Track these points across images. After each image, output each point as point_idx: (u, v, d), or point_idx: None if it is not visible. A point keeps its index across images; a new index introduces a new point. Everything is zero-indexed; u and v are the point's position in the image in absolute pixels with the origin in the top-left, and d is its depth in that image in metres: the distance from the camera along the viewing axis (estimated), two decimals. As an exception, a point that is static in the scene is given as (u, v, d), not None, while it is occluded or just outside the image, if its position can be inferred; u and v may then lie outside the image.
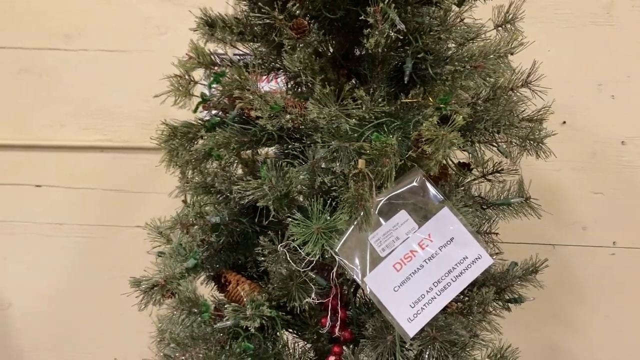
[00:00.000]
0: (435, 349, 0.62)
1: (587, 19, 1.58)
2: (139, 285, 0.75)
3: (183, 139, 0.78)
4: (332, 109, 0.63)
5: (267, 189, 0.63)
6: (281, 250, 0.61)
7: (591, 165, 1.61)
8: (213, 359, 0.60)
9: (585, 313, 1.66)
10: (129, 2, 1.65)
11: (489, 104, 0.70)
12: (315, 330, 0.69)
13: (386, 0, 0.66)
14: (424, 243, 0.60)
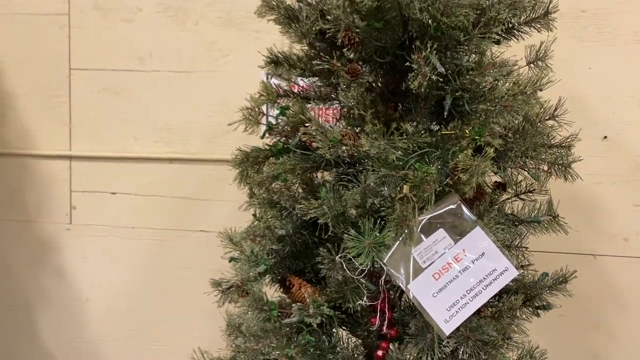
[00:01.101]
0: (469, 347, 0.72)
1: (628, 37, 1.59)
2: (219, 285, 0.88)
3: (252, 162, 0.91)
4: (381, 143, 0.74)
5: (327, 208, 0.75)
6: (338, 261, 0.73)
7: (632, 178, 1.63)
8: (282, 349, 0.72)
9: (627, 322, 1.67)
10: (195, 28, 1.76)
11: (518, 135, 0.80)
12: (366, 328, 0.80)
13: (428, 48, 0.77)
14: (459, 257, 0.71)
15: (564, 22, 1.60)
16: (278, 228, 0.83)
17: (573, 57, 1.63)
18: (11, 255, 1.95)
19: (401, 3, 0.76)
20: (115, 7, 1.79)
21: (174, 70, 1.79)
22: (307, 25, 0.85)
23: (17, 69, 1.86)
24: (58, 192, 1.89)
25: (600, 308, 1.68)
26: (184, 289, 1.86)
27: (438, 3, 0.75)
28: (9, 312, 1.97)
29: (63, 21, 1.82)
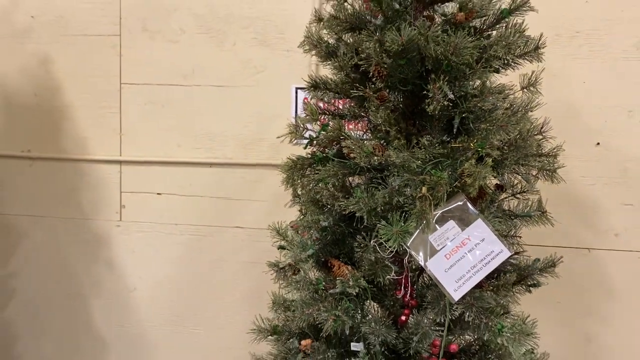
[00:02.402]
0: (473, 312, 0.93)
1: (617, 55, 1.74)
2: (277, 265, 1.10)
3: (299, 168, 1.12)
4: (405, 154, 0.96)
5: (362, 205, 0.97)
6: (372, 244, 0.95)
7: (622, 180, 1.78)
8: (330, 311, 0.93)
9: (617, 309, 1.82)
10: (233, 47, 1.91)
11: (512, 147, 1.00)
12: (392, 299, 1.02)
13: (441, 79, 0.98)
14: (465, 242, 0.92)
15: (560, 42, 1.80)
16: (322, 220, 1.04)
17: (569, 72, 1.77)
18: (68, 249, 2.10)
19: (420, 46, 0.97)
20: (162, 29, 1.95)
21: (213, 85, 1.95)
22: (345, 60, 1.06)
23: (74, 84, 2.01)
24: (109, 192, 2.04)
25: (593, 296, 1.84)
26: (221, 279, 2.01)
27: (449, 46, 0.96)
28: (66, 300, 2.13)
29: (115, 41, 1.97)
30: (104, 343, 2.14)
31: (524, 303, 1.78)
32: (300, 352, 1.02)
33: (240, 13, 1.93)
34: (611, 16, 1.74)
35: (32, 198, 2.10)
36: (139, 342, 2.12)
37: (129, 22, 1.98)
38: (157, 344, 2.10)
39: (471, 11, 0.99)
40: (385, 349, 0.98)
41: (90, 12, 2.00)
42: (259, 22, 1.91)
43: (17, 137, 2.08)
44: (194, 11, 1.94)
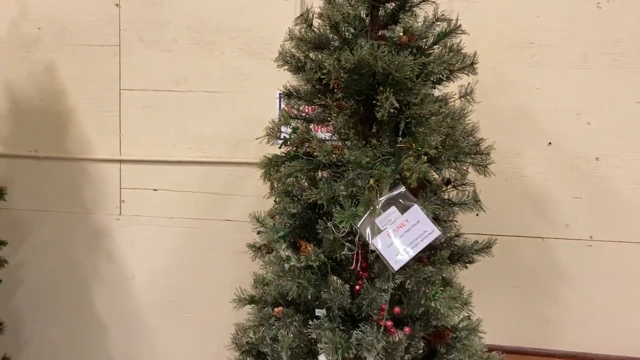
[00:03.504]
0: (412, 281, 1.16)
1: (566, 64, 1.94)
2: (254, 246, 1.32)
3: (274, 165, 1.35)
4: (357, 152, 1.19)
5: (323, 194, 1.20)
6: (330, 226, 1.17)
7: (572, 176, 1.97)
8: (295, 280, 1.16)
9: (569, 292, 2.01)
10: (222, 57, 2.10)
11: (447, 147, 1.23)
12: (349, 271, 1.25)
13: (388, 91, 1.21)
14: (404, 223, 1.15)
15: (516, 52, 2.02)
16: (292, 208, 1.27)
17: (524, 79, 1.97)
18: (72, 241, 2.28)
19: (370, 64, 1.20)
20: (157, 40, 2.15)
21: (204, 91, 2.14)
22: (311, 74, 1.29)
23: (77, 90, 2.20)
24: (110, 189, 2.23)
25: (548, 280, 2.02)
26: (212, 267, 2.19)
27: (392, 63, 1.19)
28: (70, 288, 2.31)
29: (115, 51, 2.17)
30: (105, 327, 2.33)
31: (485, 288, 2.02)
32: (273, 317, 1.24)
33: (229, 25, 2.14)
34: (560, 29, 1.94)
35: (39, 194, 2.29)
36: (137, 326, 2.30)
37: (127, 34, 2.18)
38: (153, 327, 2.29)
39: (412, 34, 1.22)
40: (342, 313, 1.21)
41: (92, 24, 2.20)
42: (246, 33, 2.11)
43: (25, 138, 2.27)
44: (186, 24, 2.14)
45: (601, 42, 1.93)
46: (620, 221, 1.97)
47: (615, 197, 1.97)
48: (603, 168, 1.96)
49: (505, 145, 2.02)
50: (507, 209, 2.04)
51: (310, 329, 1.17)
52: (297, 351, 1.18)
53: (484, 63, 2.00)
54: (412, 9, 1.34)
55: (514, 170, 2.03)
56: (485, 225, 2.06)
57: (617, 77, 1.93)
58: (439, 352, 1.25)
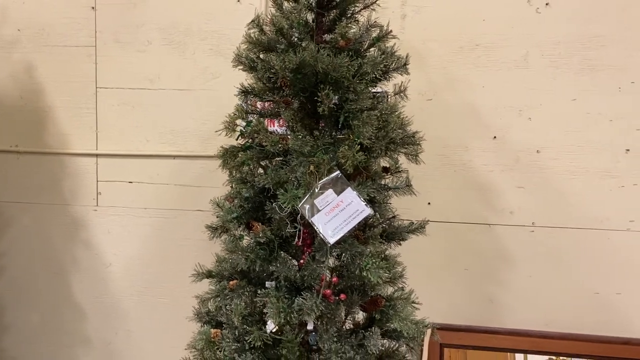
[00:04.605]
0: (348, 254, 1.34)
1: (510, 64, 2.12)
2: (212, 227, 1.50)
3: (230, 155, 1.52)
4: (299, 142, 1.37)
5: (270, 179, 1.38)
6: (275, 206, 1.35)
7: (515, 167, 2.15)
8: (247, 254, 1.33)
9: (513, 274, 2.19)
10: (192, 57, 2.26)
11: (380, 137, 1.41)
12: (293, 247, 1.43)
13: (327, 89, 1.39)
14: (339, 204, 1.33)
15: (463, 53, 2.21)
16: (244, 193, 1.45)
17: (471, 78, 2.16)
18: (51, 231, 2.40)
19: (312, 64, 1.38)
20: (131, 41, 2.30)
21: (176, 89, 2.28)
22: (261, 73, 1.47)
23: (55, 88, 2.34)
24: (87, 182, 2.36)
25: (494, 264, 2.21)
26: (185, 254, 2.33)
27: (330, 65, 1.37)
28: (50, 276, 2.43)
29: (91, 52, 2.32)
30: (83, 313, 2.47)
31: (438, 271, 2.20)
32: (228, 289, 1.42)
33: (199, 27, 2.30)
34: (504, 33, 2.13)
35: (19, 187, 2.41)
36: (114, 311, 2.45)
37: (103, 35, 2.33)
38: (129, 312, 2.44)
39: (349, 39, 1.40)
40: (288, 284, 1.39)
41: (69, 26, 2.34)
42: (215, 35, 2.28)
43: (6, 134, 2.40)
44: (158, 25, 2.30)
45: (540, 44, 2.11)
46: (558, 208, 2.15)
47: (554, 186, 2.15)
48: (543, 160, 2.13)
49: (454, 139, 2.21)
50: (457, 198, 2.22)
51: (258, 297, 1.35)
52: (248, 318, 1.36)
53: (434, 63, 2.22)
54: (353, 16, 1.52)
55: (462, 162, 2.21)
56: (437, 213, 2.25)
57: (555, 76, 2.11)
58: (376, 319, 1.44)
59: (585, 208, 2.14)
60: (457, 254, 2.25)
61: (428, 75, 2.23)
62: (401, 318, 1.36)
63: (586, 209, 2.14)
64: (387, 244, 1.51)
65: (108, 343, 2.47)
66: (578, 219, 2.14)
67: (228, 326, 1.42)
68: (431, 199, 2.23)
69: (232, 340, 1.36)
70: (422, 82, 2.22)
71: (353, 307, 1.40)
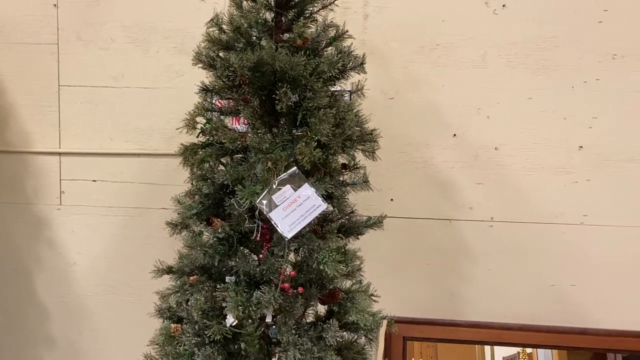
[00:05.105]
0: (305, 249, 1.38)
1: (468, 64, 2.17)
2: (172, 223, 1.51)
3: (190, 152, 1.54)
4: (256, 139, 1.40)
5: (229, 175, 1.40)
6: (233, 202, 1.38)
7: (474, 164, 2.21)
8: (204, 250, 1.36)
9: (474, 268, 2.25)
10: (156, 55, 2.26)
11: (337, 134, 1.45)
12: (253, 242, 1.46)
13: (286, 87, 1.42)
14: (297, 199, 1.36)
15: (424, 53, 2.27)
16: (205, 189, 1.47)
17: (431, 77, 2.21)
18: (14, 230, 2.38)
19: (270, 63, 1.41)
20: (94, 39, 2.29)
21: (140, 87, 2.28)
22: (220, 71, 1.50)
23: (17, 86, 2.32)
24: (50, 180, 2.34)
25: (455, 258, 2.27)
26: (149, 252, 2.23)
27: (287, 63, 1.40)
28: (13, 275, 2.41)
29: (53, 49, 2.30)
30: (48, 312, 2.45)
31: (401, 266, 2.26)
32: (188, 284, 1.44)
33: (163, 26, 2.30)
34: (462, 33, 2.19)
35: None
36: (78, 311, 2.44)
37: (65, 33, 2.32)
38: (94, 311, 2.44)
39: (306, 38, 1.44)
40: (248, 279, 1.42)
41: (30, 24, 2.32)
42: (179, 33, 2.29)
43: None
44: (122, 23, 2.30)
45: (498, 44, 2.18)
46: (516, 203, 2.22)
47: (511, 182, 2.22)
48: (501, 157, 2.20)
49: (416, 137, 2.27)
50: (418, 195, 2.28)
51: (218, 292, 1.37)
52: (208, 313, 1.38)
53: (396, 63, 2.27)
54: (312, 16, 1.55)
55: (424, 159, 2.26)
56: (399, 209, 2.30)
57: (511, 76, 2.18)
58: (335, 312, 1.47)
59: (541, 203, 2.22)
60: (420, 249, 2.30)
61: (390, 74, 2.28)
62: (358, 310, 1.40)
63: (542, 204, 2.21)
64: (345, 238, 1.55)
65: (73, 342, 2.46)
66: (534, 213, 2.22)
67: (188, 321, 1.44)
68: (394, 195, 2.28)
69: (192, 335, 1.38)
70: (384, 81, 2.27)
71: (312, 300, 1.44)
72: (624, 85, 2.16)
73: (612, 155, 2.18)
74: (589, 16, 2.16)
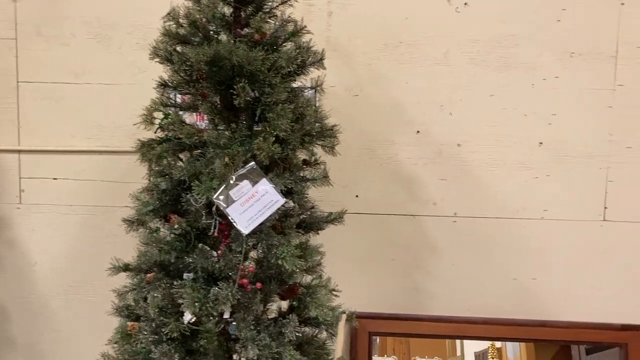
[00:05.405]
0: (263, 244, 1.37)
1: (431, 61, 2.20)
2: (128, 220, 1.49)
3: (148, 148, 1.51)
4: (213, 134, 1.38)
5: (186, 171, 1.38)
6: (189, 198, 1.36)
7: (437, 160, 2.23)
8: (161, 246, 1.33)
9: (437, 263, 2.28)
10: (118, 50, 2.24)
11: (295, 129, 1.44)
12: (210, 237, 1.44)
13: (243, 81, 1.41)
14: (254, 194, 1.35)
15: (388, 50, 2.28)
16: (161, 185, 1.45)
17: (395, 74, 2.23)
18: None
19: (227, 57, 1.39)
20: (55, 34, 2.24)
21: (102, 83, 2.25)
22: (177, 65, 1.47)
23: None
24: (10, 178, 2.29)
25: (419, 253, 2.29)
26: (112, 252, 2.21)
27: (245, 58, 1.39)
28: None
29: (11, 44, 2.24)
30: (8, 313, 2.39)
31: (367, 262, 2.27)
32: (145, 282, 1.42)
33: (125, 21, 2.27)
34: (425, 30, 2.21)
35: None
36: (40, 311, 2.39)
37: (24, 28, 2.26)
38: (55, 311, 2.38)
39: (264, 33, 1.42)
40: (206, 275, 1.40)
41: (-14, 19, 2.27)
42: (142, 29, 2.25)
43: None
44: (84, 19, 2.26)
45: (460, 42, 2.21)
46: (478, 199, 2.26)
47: (474, 178, 2.25)
48: (464, 153, 2.23)
49: (380, 134, 2.28)
50: (383, 191, 2.29)
51: (175, 288, 1.35)
52: (166, 310, 1.36)
53: (360, 60, 2.28)
54: (272, 11, 1.54)
55: (388, 156, 2.27)
56: (364, 205, 2.31)
57: (473, 73, 2.21)
58: (295, 307, 1.46)
59: (503, 198, 2.25)
60: (385, 245, 2.31)
61: (355, 71, 2.29)
62: (317, 305, 1.39)
63: (504, 200, 2.25)
64: (305, 234, 1.54)
65: (34, 344, 2.41)
66: (496, 209, 2.25)
67: (146, 319, 1.41)
68: (359, 191, 2.29)
69: (149, 333, 1.36)
70: (349, 78, 2.27)
71: (271, 296, 1.43)
72: (582, 83, 2.21)
73: (570, 151, 2.23)
74: (548, 15, 2.21)
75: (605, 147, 2.23)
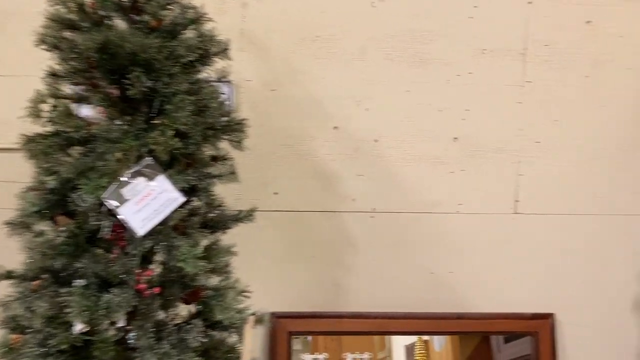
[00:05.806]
0: (161, 245, 1.26)
1: (348, 56, 2.15)
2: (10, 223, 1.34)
3: (34, 143, 1.37)
4: (105, 128, 1.26)
5: (73, 168, 1.25)
6: (76, 196, 1.23)
7: (355, 156, 2.19)
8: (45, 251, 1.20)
9: (357, 258, 2.23)
10: (14, 40, 2.05)
11: (198, 123, 1.35)
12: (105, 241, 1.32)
13: (138, 72, 1.29)
14: (151, 192, 1.24)
15: (305, 44, 2.22)
16: (49, 183, 1.31)
17: (312, 69, 2.17)
18: None
19: (119, 44, 1.28)
20: None
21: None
22: (65, 53, 1.34)
23: None
24: None
25: (339, 250, 2.23)
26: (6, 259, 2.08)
27: (139, 45, 1.28)
28: None
29: None
30: None
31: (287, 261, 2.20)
32: (30, 290, 1.28)
33: (20, 9, 2.08)
34: (342, 25, 2.16)
35: None
36: None
37: None
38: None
39: (160, 19, 1.32)
40: (100, 281, 1.27)
41: None
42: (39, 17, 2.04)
43: None
44: (-29, 5, 2.07)
45: (376, 37, 2.17)
46: (396, 194, 2.24)
47: (391, 173, 2.23)
48: (381, 148, 2.21)
49: (298, 129, 2.22)
50: (302, 187, 2.23)
51: (62, 296, 1.22)
52: (55, 320, 1.23)
53: (277, 54, 2.20)
54: (172, -4, 1.43)
55: (307, 152, 2.22)
56: (283, 202, 2.24)
57: (389, 69, 2.19)
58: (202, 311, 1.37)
59: (419, 193, 2.25)
60: (305, 242, 2.26)
61: (272, 65, 2.21)
62: (223, 308, 1.31)
63: (420, 194, 2.25)
64: (211, 233, 1.45)
65: None
66: (413, 203, 2.24)
67: (32, 330, 1.27)
68: (278, 188, 2.22)
69: (35, 346, 1.22)
70: (266, 72, 2.20)
71: (174, 301, 1.32)
72: (493, 79, 2.24)
73: (483, 145, 2.26)
74: (461, 12, 2.23)
75: (516, 142, 2.27)
